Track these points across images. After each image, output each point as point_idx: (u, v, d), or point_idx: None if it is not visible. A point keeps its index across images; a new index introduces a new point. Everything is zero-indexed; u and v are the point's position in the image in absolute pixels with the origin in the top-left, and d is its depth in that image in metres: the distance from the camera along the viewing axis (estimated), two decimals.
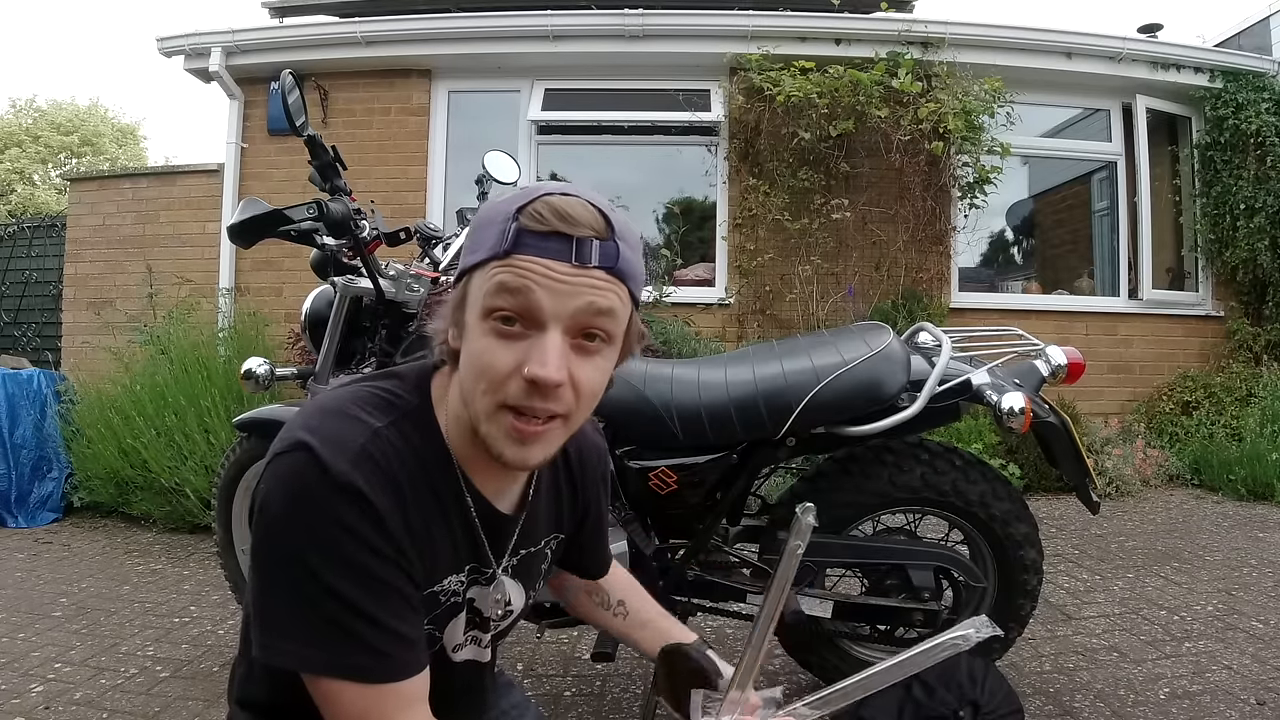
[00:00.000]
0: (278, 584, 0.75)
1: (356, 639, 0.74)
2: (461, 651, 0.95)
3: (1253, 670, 2.26)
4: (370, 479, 0.75)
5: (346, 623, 0.74)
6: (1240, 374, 5.40)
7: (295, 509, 0.74)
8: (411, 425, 0.82)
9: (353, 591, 0.74)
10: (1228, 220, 5.65)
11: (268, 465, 0.77)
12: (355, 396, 0.82)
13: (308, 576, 0.73)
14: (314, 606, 0.73)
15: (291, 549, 0.74)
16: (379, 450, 0.78)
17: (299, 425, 0.78)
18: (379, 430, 0.79)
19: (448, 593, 0.87)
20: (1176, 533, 3.83)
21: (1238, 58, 5.84)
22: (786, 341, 2.07)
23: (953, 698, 1.78)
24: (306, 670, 0.75)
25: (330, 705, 0.76)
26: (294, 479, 0.75)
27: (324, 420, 0.78)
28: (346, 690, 0.75)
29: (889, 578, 1.97)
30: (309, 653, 0.74)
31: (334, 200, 1.86)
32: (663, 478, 1.87)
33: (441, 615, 0.88)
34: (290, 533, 0.74)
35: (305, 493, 0.74)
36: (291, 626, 0.74)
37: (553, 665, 2.40)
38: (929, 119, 4.89)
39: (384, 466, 0.77)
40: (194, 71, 5.70)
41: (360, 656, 0.74)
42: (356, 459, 0.75)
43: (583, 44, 5.48)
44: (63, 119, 21.66)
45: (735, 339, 5.40)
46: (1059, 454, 1.92)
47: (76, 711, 2.10)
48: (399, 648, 0.77)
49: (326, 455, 0.74)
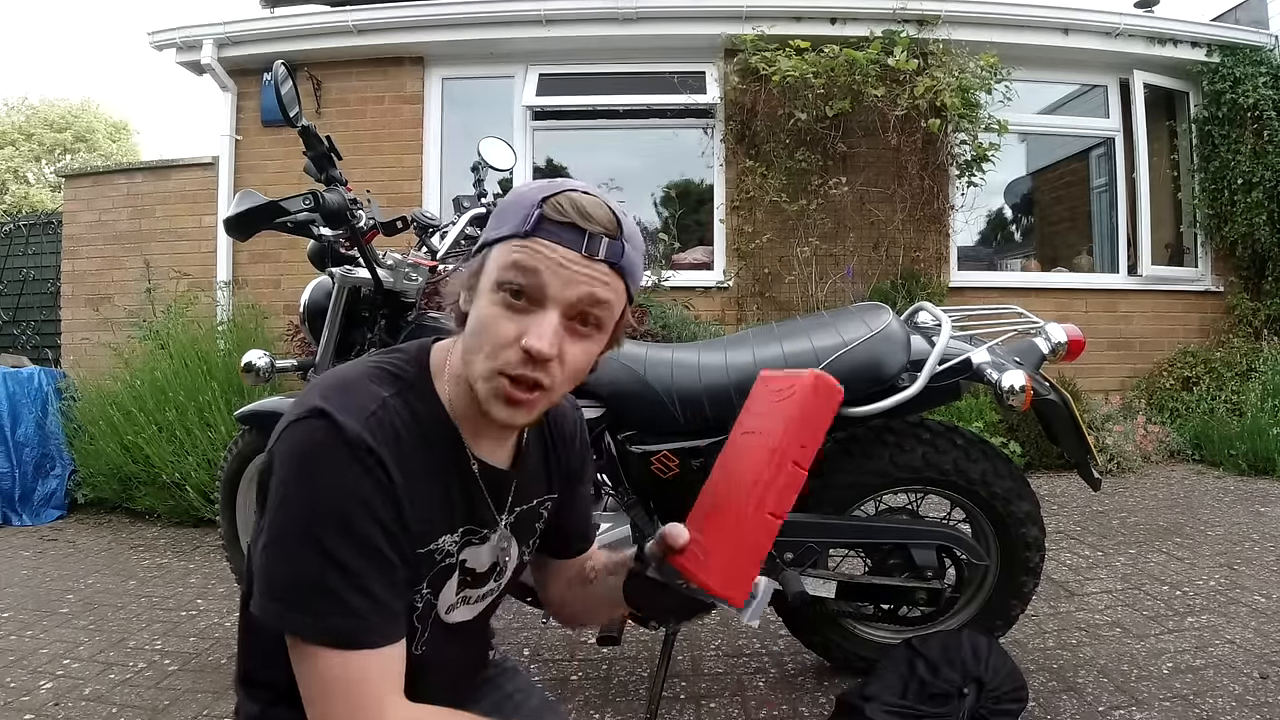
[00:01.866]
0: (280, 543, 0.80)
1: (339, 602, 0.78)
2: (454, 613, 0.98)
3: (1255, 644, 2.27)
4: (380, 442, 0.82)
5: (333, 585, 0.78)
6: (1240, 349, 5.40)
7: (308, 468, 0.80)
8: (414, 394, 0.89)
9: (348, 556, 0.79)
10: (1226, 195, 5.63)
11: (283, 431, 0.83)
12: (364, 370, 0.89)
13: (307, 535, 0.78)
14: (306, 565, 0.78)
15: (297, 506, 0.79)
16: (387, 417, 0.84)
17: (315, 396, 0.83)
18: (386, 399, 0.86)
19: (442, 552, 0.91)
20: (1178, 508, 3.84)
21: (1235, 32, 5.80)
22: (786, 324, 2.07)
23: (957, 675, 1.79)
24: (291, 630, 0.80)
25: (305, 668, 0.80)
26: (311, 442, 0.80)
27: (338, 391, 0.84)
28: (322, 654, 0.78)
29: (892, 557, 1.98)
30: (292, 610, 0.79)
31: (330, 191, 1.85)
32: (665, 461, 1.87)
33: (437, 575, 0.92)
34: (299, 491, 0.79)
35: (322, 454, 0.80)
36: (283, 583, 0.80)
37: (559, 650, 2.41)
38: (925, 97, 4.86)
39: (391, 431, 0.84)
40: (186, 64, 5.67)
41: (339, 621, 0.78)
42: (368, 423, 0.82)
43: (575, 28, 5.44)
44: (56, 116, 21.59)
45: (735, 322, 5.39)
46: (1060, 431, 1.92)
47: (86, 707, 2.11)
48: (378, 615, 0.81)
49: (343, 420, 0.80)
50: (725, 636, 2.47)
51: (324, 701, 0.79)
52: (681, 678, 2.19)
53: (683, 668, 2.25)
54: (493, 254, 0.85)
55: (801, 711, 1.99)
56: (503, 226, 0.85)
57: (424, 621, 0.92)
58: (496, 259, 0.84)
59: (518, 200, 0.85)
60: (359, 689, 0.79)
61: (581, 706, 2.05)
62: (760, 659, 2.30)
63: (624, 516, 1.92)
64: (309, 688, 0.80)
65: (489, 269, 0.85)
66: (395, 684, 0.82)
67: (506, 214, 0.85)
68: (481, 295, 0.85)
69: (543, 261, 0.81)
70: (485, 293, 0.85)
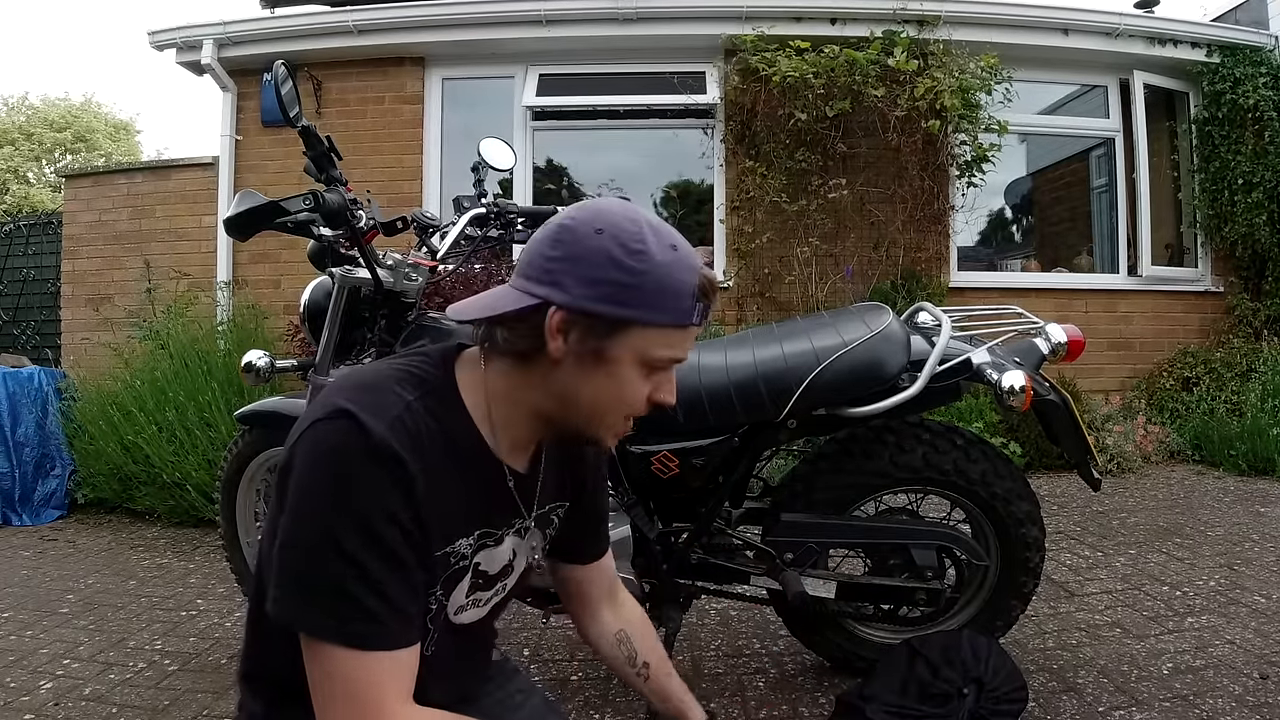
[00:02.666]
0: (299, 542, 0.81)
1: (357, 605, 0.79)
2: (464, 614, 0.99)
3: (1255, 644, 2.27)
4: (404, 445, 0.83)
5: (351, 588, 0.79)
6: (1240, 349, 5.39)
7: (332, 470, 0.81)
8: (437, 400, 0.90)
9: (364, 556, 0.79)
10: (1226, 195, 5.63)
11: (306, 430, 0.84)
12: (388, 372, 0.91)
13: (327, 537, 0.79)
14: (325, 566, 0.79)
15: (317, 507, 0.80)
16: (411, 421, 0.85)
17: (340, 396, 0.85)
18: (411, 403, 0.87)
19: (457, 555, 0.93)
20: (1178, 509, 3.84)
21: (1235, 32, 5.80)
22: (786, 324, 2.07)
23: (957, 675, 1.79)
24: (306, 630, 0.81)
25: (318, 668, 0.80)
26: (335, 443, 0.81)
27: (363, 392, 0.86)
28: (337, 654, 0.79)
29: (892, 557, 1.98)
30: (309, 610, 0.80)
31: (330, 191, 1.85)
32: (665, 462, 1.87)
33: (450, 578, 0.93)
34: (320, 492, 0.81)
35: (346, 455, 0.81)
36: (300, 583, 0.81)
37: (559, 650, 2.41)
38: (925, 97, 4.85)
39: (414, 435, 0.85)
40: (186, 64, 5.67)
41: (359, 624, 0.79)
42: (393, 426, 0.83)
43: (576, 28, 5.44)
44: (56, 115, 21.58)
45: (734, 322, 5.39)
46: (1060, 431, 1.92)
47: (86, 707, 2.11)
48: (396, 620, 0.82)
49: (368, 421, 0.81)
50: (725, 637, 2.47)
51: (333, 701, 0.80)
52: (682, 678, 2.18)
53: (683, 668, 2.24)
54: (640, 333, 0.87)
55: (801, 712, 1.99)
56: (657, 309, 0.86)
57: (435, 623, 0.93)
58: (650, 340, 0.88)
59: (671, 283, 0.86)
60: (369, 691, 0.80)
61: (581, 707, 2.05)
62: (760, 659, 2.30)
63: (624, 517, 1.92)
64: (320, 687, 0.81)
65: (634, 344, 0.88)
66: (405, 687, 0.83)
67: (657, 296, 0.86)
68: (620, 364, 0.89)
69: (690, 343, 0.92)
70: (628, 364, 0.89)
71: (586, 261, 0.85)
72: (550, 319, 0.85)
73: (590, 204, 0.90)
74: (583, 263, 0.85)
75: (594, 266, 0.85)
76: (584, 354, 0.88)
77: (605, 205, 0.89)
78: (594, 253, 0.85)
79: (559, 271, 0.85)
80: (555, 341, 0.86)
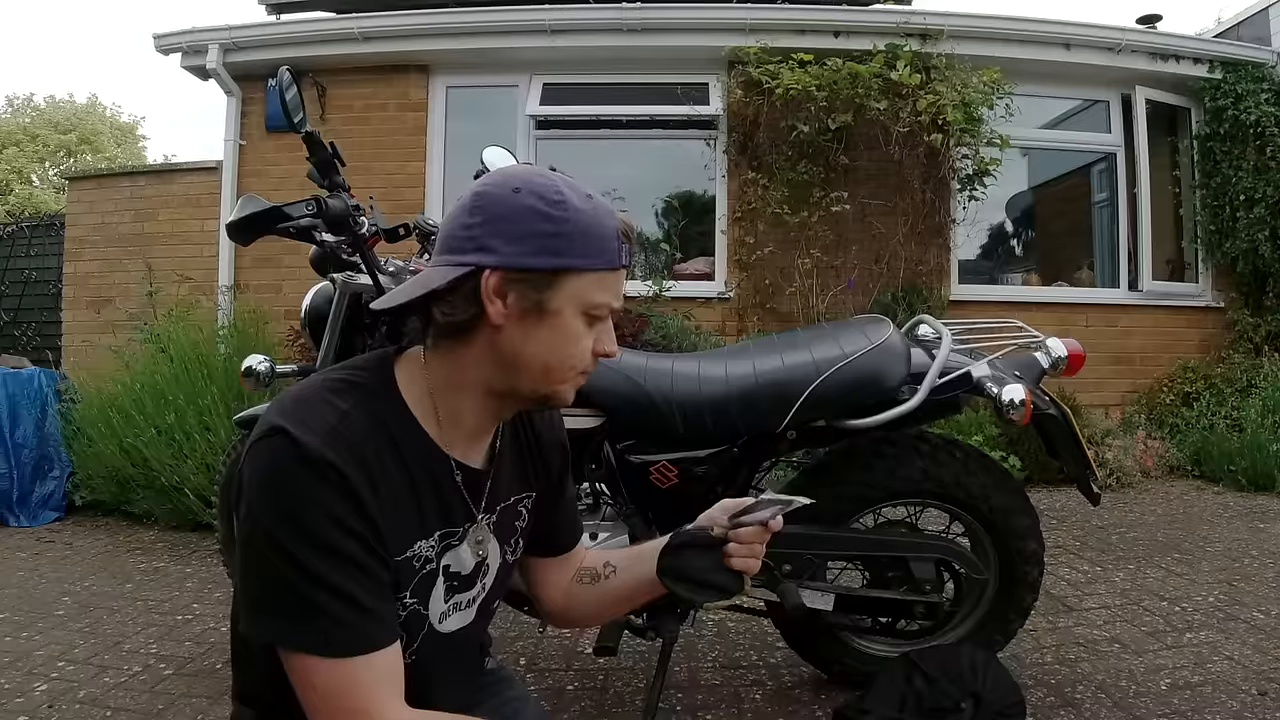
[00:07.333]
0: (255, 561, 0.82)
1: (323, 613, 0.80)
2: (447, 621, 0.99)
3: (1254, 661, 2.26)
4: (341, 455, 0.82)
5: (315, 598, 0.80)
6: (1241, 365, 5.39)
7: (272, 487, 0.82)
8: (377, 402, 0.90)
9: (322, 567, 0.80)
10: (1228, 211, 5.64)
11: (246, 452, 0.85)
12: (321, 384, 0.90)
13: (281, 553, 0.80)
14: (285, 582, 0.80)
15: (267, 526, 0.81)
16: (348, 429, 0.85)
17: (274, 414, 0.85)
18: (346, 412, 0.86)
19: (420, 558, 0.92)
20: (1177, 524, 3.83)
21: (1237, 48, 5.83)
22: (787, 335, 2.08)
23: (955, 689, 1.78)
24: (278, 642, 0.82)
25: (302, 680, 0.82)
26: (271, 460, 0.82)
27: (295, 407, 0.86)
28: (316, 665, 0.80)
29: (890, 570, 1.98)
30: (280, 625, 0.82)
31: (333, 197, 1.85)
32: (664, 472, 1.87)
33: (420, 584, 0.93)
34: (267, 511, 0.81)
35: (282, 471, 0.81)
36: (266, 601, 0.82)
37: (555, 660, 2.40)
38: (928, 111, 4.87)
39: (353, 444, 0.84)
40: (192, 69, 5.69)
41: (326, 631, 0.80)
42: (327, 438, 0.83)
43: (581, 38, 5.47)
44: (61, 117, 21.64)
45: (735, 333, 5.39)
46: (1060, 446, 1.92)
47: (80, 710, 2.10)
48: (365, 621, 0.82)
49: (301, 435, 0.81)
50: (722, 648, 2.46)
51: (322, 710, 0.81)
52: (678, 689, 2.18)
53: (679, 679, 2.24)
54: (576, 280, 0.88)
55: None
56: (588, 255, 0.87)
57: (412, 630, 0.92)
58: (584, 285, 0.88)
59: (593, 227, 0.87)
60: (354, 695, 0.80)
61: (577, 717, 2.04)
62: (757, 671, 2.29)
63: (622, 526, 1.91)
64: (307, 699, 0.82)
65: (570, 293, 0.88)
66: (391, 688, 0.83)
67: (585, 242, 0.87)
68: (563, 315, 0.89)
69: (621, 287, 0.93)
70: (570, 314, 0.89)
71: (510, 220, 0.85)
72: (486, 283, 0.85)
73: (497, 170, 0.93)
74: (506, 221, 0.86)
75: (519, 223, 0.85)
76: (525, 312, 0.87)
77: (513, 168, 0.92)
78: (516, 210, 0.85)
79: (484, 236, 0.86)
80: (495, 305, 0.86)
